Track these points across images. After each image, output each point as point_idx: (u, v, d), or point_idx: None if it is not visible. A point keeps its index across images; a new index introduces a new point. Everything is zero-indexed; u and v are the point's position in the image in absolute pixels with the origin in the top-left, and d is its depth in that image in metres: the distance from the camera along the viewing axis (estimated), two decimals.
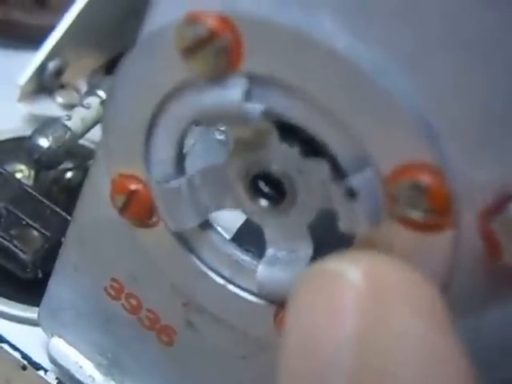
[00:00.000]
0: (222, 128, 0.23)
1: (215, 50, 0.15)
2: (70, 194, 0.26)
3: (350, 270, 0.13)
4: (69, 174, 0.26)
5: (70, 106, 0.27)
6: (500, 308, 0.15)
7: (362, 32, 0.14)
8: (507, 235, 0.14)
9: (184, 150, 0.18)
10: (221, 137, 0.22)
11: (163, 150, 0.17)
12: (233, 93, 0.15)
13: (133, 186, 0.18)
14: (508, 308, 0.15)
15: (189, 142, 0.20)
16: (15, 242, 0.23)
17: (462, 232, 0.15)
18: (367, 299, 0.13)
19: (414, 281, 0.13)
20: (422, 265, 0.15)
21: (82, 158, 0.26)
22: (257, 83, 0.15)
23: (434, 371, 0.13)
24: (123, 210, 0.18)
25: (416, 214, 0.14)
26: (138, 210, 0.18)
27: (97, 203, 0.19)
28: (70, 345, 0.23)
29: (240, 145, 0.16)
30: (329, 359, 0.12)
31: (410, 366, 0.12)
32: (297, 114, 0.15)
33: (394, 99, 0.14)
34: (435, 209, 0.14)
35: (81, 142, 0.26)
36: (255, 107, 0.15)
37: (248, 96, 0.15)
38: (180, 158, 0.17)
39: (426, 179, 0.14)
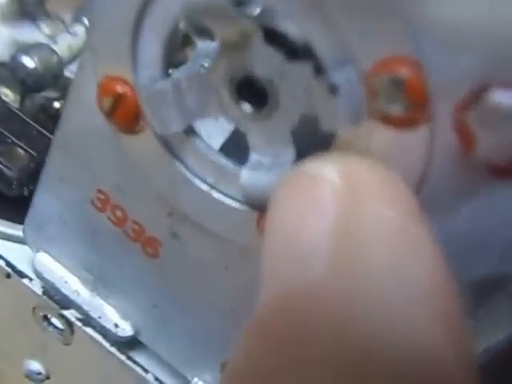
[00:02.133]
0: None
1: None
2: (57, 123, 0.26)
3: (326, 170, 0.14)
4: (57, 104, 0.25)
5: (54, 37, 0.26)
6: (473, 203, 0.16)
7: None
8: (482, 126, 0.14)
9: None
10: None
11: (150, 50, 0.17)
12: None
13: (120, 89, 0.17)
14: (481, 203, 0.15)
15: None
16: (0, 158, 0.23)
17: (437, 126, 0.15)
18: (343, 194, 0.13)
19: (386, 177, 0.14)
20: (399, 162, 0.15)
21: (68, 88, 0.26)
22: None
23: (408, 255, 0.13)
24: (110, 113, 0.18)
25: (394, 109, 0.15)
26: (124, 113, 0.18)
27: (83, 109, 0.19)
28: (56, 260, 0.22)
29: (225, 47, 0.16)
30: (309, 251, 0.13)
31: (385, 251, 0.13)
32: (281, 10, 0.15)
33: None
34: (412, 102, 0.14)
35: (69, 75, 0.25)
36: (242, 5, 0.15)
37: None
38: (166, 60, 0.17)
39: (404, 72, 0.14)
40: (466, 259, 0.16)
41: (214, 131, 0.20)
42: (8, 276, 0.22)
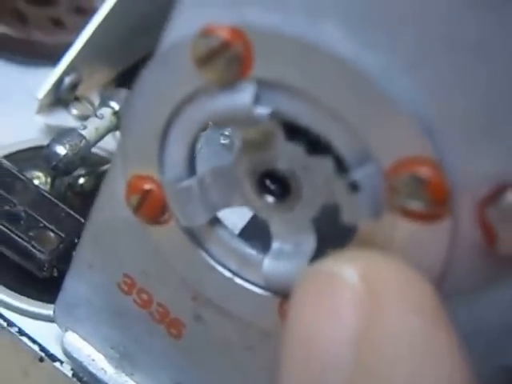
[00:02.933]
0: (226, 133, 0.22)
1: (227, 59, 0.15)
2: (83, 199, 0.25)
3: (346, 271, 0.13)
4: (81, 180, 0.25)
5: (83, 117, 0.26)
6: (497, 292, 0.15)
7: (365, 37, 0.14)
8: (502, 223, 0.13)
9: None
10: (225, 141, 0.22)
11: (176, 152, 0.17)
12: (243, 97, 0.15)
13: (147, 186, 0.17)
14: (505, 292, 0.15)
15: (196, 146, 0.19)
16: (33, 242, 0.22)
17: (459, 221, 0.14)
18: (364, 299, 0.12)
19: (408, 278, 0.13)
20: (422, 253, 0.15)
21: (93, 164, 0.25)
22: (265, 87, 0.15)
23: (431, 368, 0.12)
24: (137, 208, 0.17)
25: (416, 205, 0.14)
26: (151, 208, 0.17)
27: (112, 204, 0.18)
28: (83, 339, 0.21)
29: (248, 145, 0.16)
30: (327, 360, 0.12)
31: (406, 364, 0.12)
32: (302, 115, 0.15)
33: (394, 98, 0.13)
34: (434, 199, 0.14)
35: (94, 150, 0.25)
36: (263, 110, 0.15)
37: (257, 100, 0.15)
38: (192, 160, 0.17)
39: (424, 172, 0.14)
40: (490, 346, 0.15)
41: (236, 214, 0.19)
42: (41, 360, 0.21)
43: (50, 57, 0.27)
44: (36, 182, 0.24)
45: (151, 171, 0.17)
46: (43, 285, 0.23)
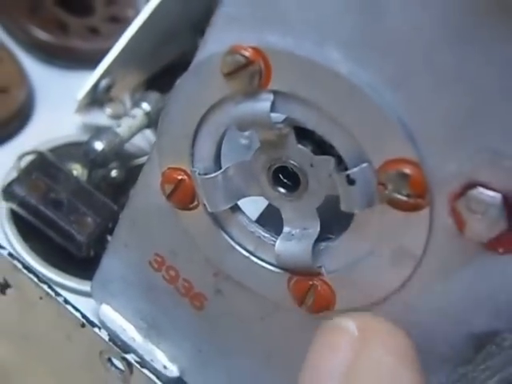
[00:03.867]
0: (247, 134, 0.26)
1: (250, 73, 0.18)
2: (115, 189, 0.28)
3: (348, 323, 0.18)
4: (114, 172, 0.28)
5: (116, 116, 0.30)
6: (466, 271, 0.18)
7: (361, 59, 0.17)
8: (469, 213, 0.17)
9: None
10: (245, 141, 0.25)
11: (205, 148, 0.20)
12: (262, 105, 0.18)
13: (179, 177, 0.20)
14: (473, 271, 0.18)
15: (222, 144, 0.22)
16: (74, 226, 0.26)
17: (436, 211, 0.17)
18: (356, 342, 0.18)
19: (390, 331, 0.18)
20: (406, 236, 0.18)
21: (124, 158, 0.29)
22: (280, 97, 0.18)
23: None
24: (170, 196, 0.21)
25: (400, 197, 0.17)
26: (182, 195, 0.21)
27: (148, 192, 0.22)
28: (116, 311, 0.25)
29: (265, 145, 0.19)
30: (327, 379, 0.17)
31: None
32: (310, 121, 0.18)
33: (384, 111, 0.17)
34: (415, 192, 0.17)
35: (126, 146, 0.29)
36: (279, 116, 0.18)
37: (273, 107, 0.18)
38: (218, 155, 0.20)
39: (407, 170, 0.17)
40: (464, 317, 0.18)
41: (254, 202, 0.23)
42: (83, 325, 0.24)
43: (88, 62, 0.31)
44: (74, 173, 0.28)
45: (184, 164, 0.20)
46: (80, 263, 0.26)
